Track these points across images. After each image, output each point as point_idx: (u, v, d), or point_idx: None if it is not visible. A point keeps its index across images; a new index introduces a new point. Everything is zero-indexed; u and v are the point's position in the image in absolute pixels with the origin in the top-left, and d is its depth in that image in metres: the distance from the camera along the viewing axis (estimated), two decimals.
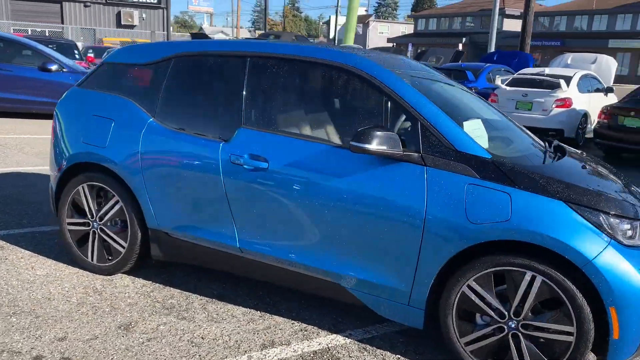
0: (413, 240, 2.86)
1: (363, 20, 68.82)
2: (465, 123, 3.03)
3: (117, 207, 3.71)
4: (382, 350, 3.11)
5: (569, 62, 14.49)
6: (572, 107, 10.88)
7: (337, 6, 54.48)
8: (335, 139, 3.14)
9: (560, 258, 2.63)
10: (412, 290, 2.94)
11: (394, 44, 60.39)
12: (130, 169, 3.57)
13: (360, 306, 3.13)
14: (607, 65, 13.89)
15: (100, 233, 3.81)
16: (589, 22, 47.09)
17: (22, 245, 4.28)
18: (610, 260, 2.53)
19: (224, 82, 3.47)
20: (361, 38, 65.16)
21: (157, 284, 3.76)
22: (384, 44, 62.86)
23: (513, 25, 51.57)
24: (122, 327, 3.18)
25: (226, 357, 2.94)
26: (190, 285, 3.78)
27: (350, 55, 3.18)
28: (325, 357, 3.01)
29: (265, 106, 3.32)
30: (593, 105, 11.67)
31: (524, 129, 3.73)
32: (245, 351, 3.01)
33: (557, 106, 10.82)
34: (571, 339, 2.64)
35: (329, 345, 3.12)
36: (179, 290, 3.69)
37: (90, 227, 3.84)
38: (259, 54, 3.37)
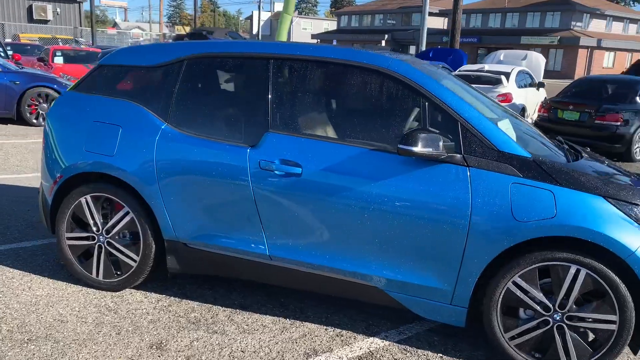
0: (457, 240, 2.90)
1: None
2: (499, 123, 3.11)
3: (127, 219, 3.49)
4: (423, 350, 3.14)
5: (501, 58, 15.24)
6: (513, 101, 11.44)
7: (260, 1, 53.92)
8: (371, 142, 3.11)
9: (603, 251, 2.76)
10: (455, 289, 2.99)
11: (318, 40, 60.79)
12: (145, 177, 3.37)
13: (397, 308, 3.14)
14: (537, 61, 14.74)
15: (108, 247, 3.57)
16: (502, 20, 49.64)
17: (9, 264, 3.94)
18: None
19: (246, 85, 3.35)
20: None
21: (172, 298, 3.58)
22: (308, 40, 63.13)
23: (433, 23, 53.42)
24: (155, 347, 3.01)
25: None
26: (207, 296, 3.63)
27: (385, 57, 3.17)
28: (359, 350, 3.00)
29: (295, 110, 3.23)
30: (529, 99, 12.34)
31: (535, 128, 3.86)
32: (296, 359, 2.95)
33: (499, 101, 11.31)
34: (614, 327, 2.79)
35: (370, 349, 3.11)
36: (197, 303, 3.53)
37: (95, 242, 3.59)
38: (285, 56, 3.28)
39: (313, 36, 63.35)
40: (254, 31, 61.23)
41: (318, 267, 3.19)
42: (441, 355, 3.11)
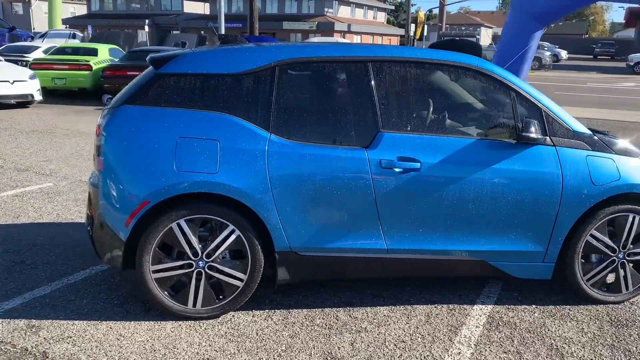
0: (552, 208, 3.51)
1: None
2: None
3: (232, 237, 3.26)
4: (515, 305, 3.69)
5: None
6: None
7: None
8: (474, 132, 3.50)
9: None
10: (547, 249, 3.60)
11: (67, 25, 55.03)
12: (257, 190, 3.20)
13: (496, 275, 3.63)
14: None
15: (209, 271, 3.28)
16: (262, 5, 51.61)
17: (72, 314, 3.29)
18: None
19: (348, 88, 3.40)
20: (23, 19, 57.27)
21: (279, 310, 3.48)
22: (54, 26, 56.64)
23: (193, 7, 52.91)
24: (329, 357, 2.98)
25: (448, 345, 3.12)
26: (310, 302, 3.61)
27: (472, 57, 3.55)
28: (499, 324, 3.44)
29: (401, 109, 3.42)
30: None
31: None
32: (452, 337, 3.22)
33: None
34: None
35: (486, 313, 3.55)
36: (306, 310, 3.50)
37: (192, 269, 3.26)
38: (384, 58, 3.43)
39: (64, 21, 57.06)
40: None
41: (432, 252, 3.49)
42: (535, 306, 3.70)
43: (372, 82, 3.40)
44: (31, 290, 3.63)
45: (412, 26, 39.61)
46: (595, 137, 3.62)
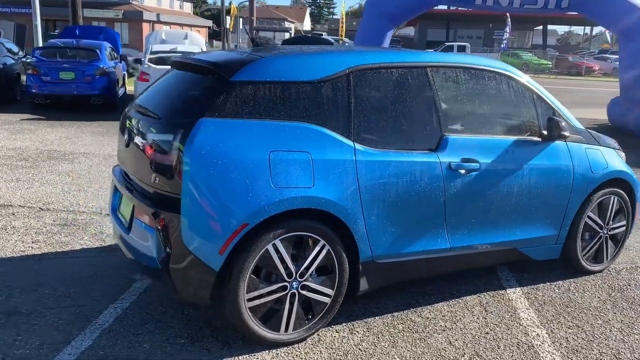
0: (566, 195, 4.01)
1: None
2: None
3: (323, 253, 3.10)
4: (534, 285, 4.14)
5: (164, 37, 15.23)
6: None
7: None
8: (513, 133, 3.79)
9: (624, 182, 4.35)
10: (559, 232, 4.10)
11: None
12: (349, 202, 3.09)
13: (521, 260, 4.03)
14: (197, 40, 15.42)
15: (302, 291, 3.08)
16: None
17: None
18: None
19: (414, 93, 3.43)
20: None
21: (356, 322, 3.41)
22: None
23: None
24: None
25: (523, 328, 3.40)
26: (375, 309, 3.59)
27: (500, 62, 3.84)
28: (540, 303, 3.82)
29: (460, 113, 3.58)
30: None
31: None
32: (518, 321, 3.51)
33: None
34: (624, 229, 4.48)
35: (513, 297, 3.91)
36: (384, 317, 3.49)
37: (287, 291, 3.03)
38: (441, 64, 3.53)
39: None
40: None
41: (483, 246, 3.74)
42: (548, 283, 4.18)
43: (433, 88, 3.49)
44: (68, 345, 3.00)
45: (227, 18, 39.40)
46: (588, 132, 4.21)
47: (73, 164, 7.22)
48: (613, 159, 4.28)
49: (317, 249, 3.09)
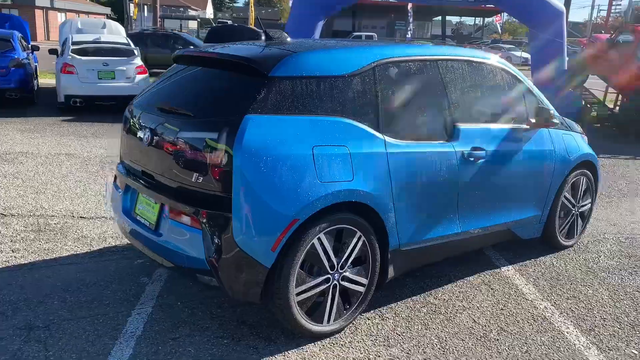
0: (549, 178, 4.36)
1: None
2: None
3: (360, 244, 3.17)
4: (522, 262, 4.47)
5: (79, 26, 14.23)
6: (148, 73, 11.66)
7: None
8: (508, 121, 4.04)
9: (590, 164, 4.78)
10: (542, 212, 4.45)
11: None
12: (383, 193, 3.19)
13: (511, 240, 4.34)
14: (117, 29, 14.57)
15: (342, 282, 3.13)
16: None
17: None
18: None
19: (429, 86, 3.57)
20: None
21: (382, 308, 3.51)
22: None
23: None
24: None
25: (536, 304, 3.68)
26: (395, 295, 3.71)
27: (498, 57, 4.07)
28: (535, 278, 4.14)
29: (465, 103, 3.76)
30: None
31: None
32: (525, 296, 3.79)
33: (138, 73, 11.35)
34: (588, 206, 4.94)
35: (510, 275, 4.21)
36: (405, 301, 3.62)
37: (330, 283, 3.07)
38: (446, 57, 3.69)
39: None
40: None
41: (486, 228, 3.98)
42: (532, 259, 4.52)
43: (443, 80, 3.65)
44: (109, 356, 2.85)
45: (131, 6, 37.60)
46: (563, 119, 4.59)
47: (15, 165, 6.68)
48: (582, 143, 4.70)
49: (355, 240, 3.16)
